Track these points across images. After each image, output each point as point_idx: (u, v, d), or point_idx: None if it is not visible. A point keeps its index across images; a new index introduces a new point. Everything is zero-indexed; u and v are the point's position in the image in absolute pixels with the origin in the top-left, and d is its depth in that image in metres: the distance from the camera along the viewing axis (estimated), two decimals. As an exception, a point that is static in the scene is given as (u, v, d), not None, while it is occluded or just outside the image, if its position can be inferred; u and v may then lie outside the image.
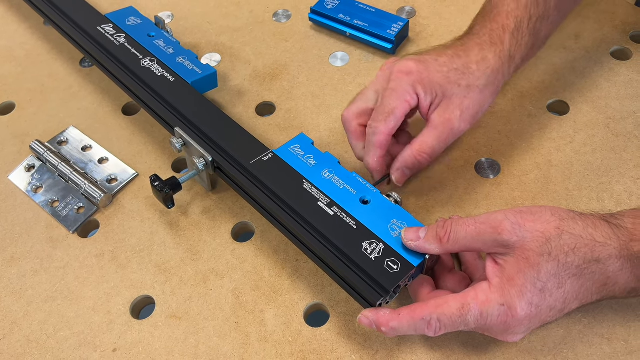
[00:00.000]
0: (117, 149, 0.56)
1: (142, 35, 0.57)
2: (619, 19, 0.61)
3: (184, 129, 0.48)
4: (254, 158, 0.46)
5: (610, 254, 0.36)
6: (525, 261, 0.36)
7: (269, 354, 0.42)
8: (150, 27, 0.59)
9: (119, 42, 0.55)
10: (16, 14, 0.71)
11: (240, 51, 0.63)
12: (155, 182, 0.47)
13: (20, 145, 0.57)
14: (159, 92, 0.51)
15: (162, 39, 0.57)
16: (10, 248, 0.50)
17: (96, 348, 0.44)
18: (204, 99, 0.51)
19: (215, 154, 0.47)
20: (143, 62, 0.54)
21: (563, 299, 0.37)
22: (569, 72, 0.57)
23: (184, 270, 0.47)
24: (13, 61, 0.65)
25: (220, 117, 0.50)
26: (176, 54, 0.56)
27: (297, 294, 0.45)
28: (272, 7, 0.67)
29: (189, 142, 0.48)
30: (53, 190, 0.53)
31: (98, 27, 0.57)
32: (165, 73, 0.53)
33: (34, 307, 0.46)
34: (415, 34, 0.62)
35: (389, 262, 0.39)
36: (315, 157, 0.46)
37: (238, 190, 0.47)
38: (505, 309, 0.35)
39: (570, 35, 0.60)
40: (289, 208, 0.43)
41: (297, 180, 0.44)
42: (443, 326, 0.37)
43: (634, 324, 0.42)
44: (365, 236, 0.41)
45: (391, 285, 0.38)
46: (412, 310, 0.38)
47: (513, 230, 0.36)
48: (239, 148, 0.47)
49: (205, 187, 0.51)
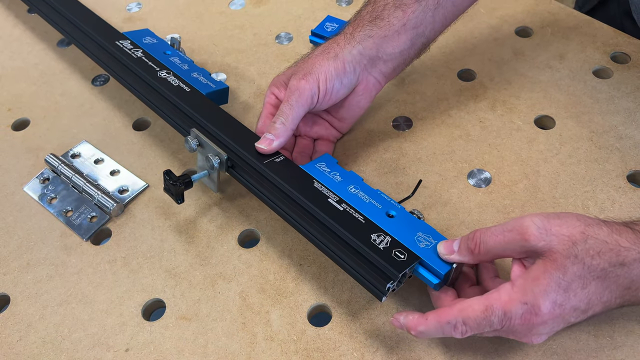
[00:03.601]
0: (128, 162, 0.59)
1: (159, 53, 0.61)
2: (600, 41, 0.65)
3: (200, 130, 0.51)
4: (267, 159, 0.48)
5: (635, 258, 0.37)
6: (552, 263, 0.37)
7: (275, 352, 0.45)
8: (165, 47, 0.62)
9: (137, 56, 0.59)
10: (30, 37, 0.74)
11: (244, 71, 0.67)
12: (168, 176, 0.49)
13: (35, 159, 0.60)
14: (176, 99, 0.54)
15: (177, 57, 0.61)
16: (25, 255, 0.52)
17: (109, 348, 0.46)
18: (217, 107, 0.54)
19: (231, 153, 0.49)
20: (160, 73, 0.56)
21: (587, 300, 0.37)
22: (554, 89, 0.61)
23: (192, 275, 0.50)
24: (27, 80, 0.68)
25: (233, 122, 0.53)
26: (191, 70, 0.59)
27: (301, 295, 0.48)
28: (275, 30, 0.71)
29: (204, 142, 0.50)
30: (67, 201, 0.56)
31: (116, 42, 0.60)
32: (181, 84, 0.56)
33: (49, 310, 0.49)
34: (410, 54, 0.66)
35: (396, 252, 0.42)
36: (340, 175, 0.49)
37: (250, 188, 0.49)
38: (529, 307, 0.37)
39: (555, 56, 0.64)
40: (300, 204, 0.46)
41: (308, 180, 0.47)
42: (469, 328, 0.38)
43: (618, 321, 0.44)
44: (373, 229, 0.43)
45: (400, 271, 0.40)
46: (438, 315, 0.39)
47: (540, 235, 0.37)
48: (252, 150, 0.49)
49: (213, 188, 0.54)
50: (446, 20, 0.54)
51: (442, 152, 0.56)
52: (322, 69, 0.50)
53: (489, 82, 0.62)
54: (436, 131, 0.58)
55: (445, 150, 0.56)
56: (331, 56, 0.50)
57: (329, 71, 0.50)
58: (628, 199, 0.51)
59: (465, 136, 0.57)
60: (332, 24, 0.67)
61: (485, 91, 0.62)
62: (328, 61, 0.50)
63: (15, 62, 0.71)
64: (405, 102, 0.61)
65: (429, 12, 0.52)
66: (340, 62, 0.50)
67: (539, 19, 0.68)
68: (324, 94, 0.50)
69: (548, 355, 0.43)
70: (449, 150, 0.56)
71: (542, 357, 0.43)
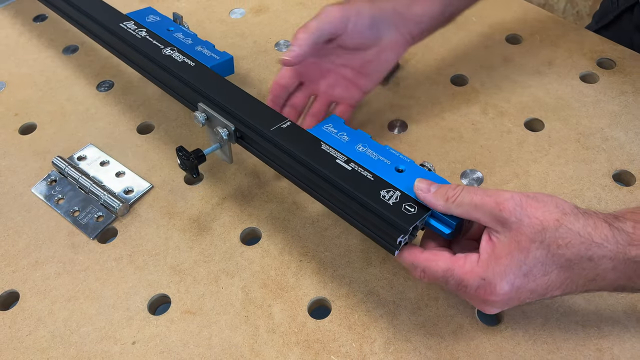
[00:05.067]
0: (133, 164, 0.61)
1: (162, 30, 0.62)
2: (587, 48, 0.68)
3: (207, 103, 0.52)
4: (274, 126, 0.49)
5: (605, 254, 0.37)
6: (516, 244, 0.37)
7: (277, 343, 0.46)
8: (169, 23, 0.64)
9: (141, 36, 0.60)
10: (36, 45, 0.76)
11: (245, 77, 0.69)
12: (181, 152, 0.50)
13: (42, 162, 0.62)
14: (181, 75, 0.55)
15: (181, 32, 0.62)
16: (34, 253, 0.54)
17: (117, 341, 0.48)
18: (222, 79, 0.55)
19: (238, 123, 0.50)
20: (164, 51, 0.58)
21: (546, 286, 0.38)
22: (543, 94, 0.63)
23: (197, 271, 0.51)
24: (34, 87, 0.71)
25: (239, 92, 0.53)
26: (194, 44, 0.60)
27: (302, 290, 0.49)
28: (274, 37, 0.74)
29: (211, 115, 0.51)
30: (74, 201, 0.58)
31: (120, 24, 0.62)
32: (186, 59, 0.57)
33: (57, 306, 0.50)
34: (405, 61, 0.69)
35: (406, 206, 0.42)
36: (348, 134, 0.49)
37: (260, 156, 0.51)
38: (486, 283, 0.38)
39: (544, 62, 0.67)
40: (309, 167, 0.46)
41: (316, 143, 0.48)
42: (427, 278, 0.41)
43: (605, 312, 0.46)
44: (382, 185, 0.44)
45: (409, 224, 0.41)
46: (412, 254, 0.42)
47: (514, 210, 0.38)
48: (259, 118, 0.50)
49: (227, 160, 0.54)
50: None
51: (436, 153, 0.59)
52: (358, 4, 0.51)
53: (481, 87, 0.65)
54: (430, 133, 0.61)
55: (439, 151, 0.59)
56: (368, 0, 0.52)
57: (363, 8, 0.51)
58: (614, 196, 0.53)
59: (458, 138, 0.60)
60: (330, 31, 0.70)
61: (477, 95, 0.64)
62: (365, 2, 0.52)
63: (22, 69, 0.73)
64: (400, 106, 0.64)
65: None
66: (377, 8, 0.52)
67: (528, 27, 0.71)
68: (353, 24, 0.51)
69: (538, 344, 0.45)
70: (442, 151, 0.59)
71: (533, 345, 0.45)
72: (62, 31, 0.77)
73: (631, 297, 0.47)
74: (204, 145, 0.62)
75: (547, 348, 0.44)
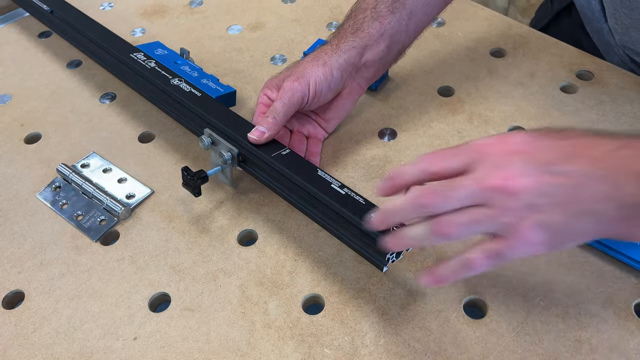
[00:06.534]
0: (134, 171, 0.63)
1: (170, 63, 0.67)
2: (567, 61, 0.71)
3: (212, 129, 0.57)
4: (274, 152, 0.54)
5: None
6: None
7: (272, 337, 0.48)
8: (176, 57, 0.69)
9: (150, 66, 0.64)
10: (40, 60, 0.79)
11: (242, 89, 0.72)
12: (186, 172, 0.55)
13: (47, 169, 0.64)
14: (188, 103, 0.60)
15: (187, 66, 0.67)
16: (39, 255, 0.56)
17: (118, 337, 0.50)
18: (226, 108, 0.60)
19: (242, 148, 0.55)
20: (172, 81, 0.62)
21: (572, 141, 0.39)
22: (526, 103, 0.67)
23: (195, 271, 0.54)
24: (39, 98, 0.73)
25: (242, 121, 0.58)
26: (200, 77, 0.66)
27: (296, 287, 0.52)
28: (270, 52, 0.77)
29: (216, 139, 0.56)
30: (77, 206, 0.60)
31: (130, 54, 0.66)
32: (193, 90, 0.61)
33: (61, 304, 0.52)
34: (394, 73, 0.72)
35: (394, 227, 0.45)
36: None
37: (261, 179, 0.55)
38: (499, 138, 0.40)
39: (526, 74, 0.70)
40: (307, 190, 0.51)
41: (313, 169, 0.53)
42: None
43: (584, 305, 0.49)
44: (372, 209, 0.48)
45: None
46: None
47: None
48: (262, 145, 0.55)
49: (227, 183, 0.59)
50: (419, 28, 0.62)
51: (424, 159, 0.62)
52: (313, 73, 0.57)
53: (467, 97, 0.68)
54: (419, 141, 0.64)
55: (427, 157, 0.62)
56: (320, 63, 0.57)
57: (318, 76, 0.57)
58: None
59: (445, 145, 0.63)
60: (323, 46, 0.73)
61: (462, 105, 0.67)
62: (318, 67, 0.57)
63: (27, 82, 0.76)
64: (390, 116, 0.67)
65: (403, 22, 0.60)
66: (329, 68, 0.57)
67: (511, 42, 0.75)
68: (313, 95, 0.57)
69: (521, 335, 0.47)
70: (430, 157, 0.62)
71: (516, 337, 0.47)
72: (65, 47, 0.80)
73: (609, 292, 0.49)
74: (201, 153, 0.64)
75: (530, 339, 0.47)
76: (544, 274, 0.51)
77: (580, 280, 0.50)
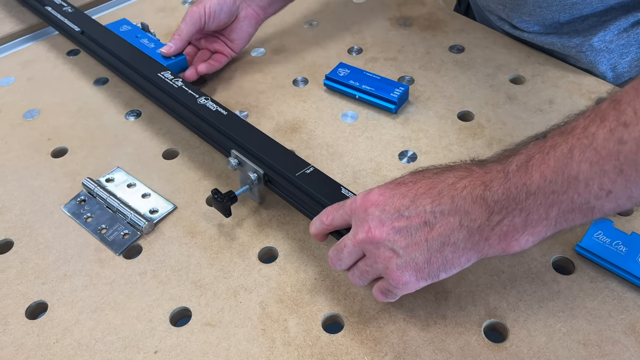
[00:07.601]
0: (158, 186, 0.65)
1: (131, 36, 0.78)
2: (585, 88, 0.72)
3: (239, 150, 0.58)
4: (299, 171, 0.55)
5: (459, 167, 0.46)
6: None
7: (292, 355, 0.49)
8: (137, 31, 0.81)
9: (177, 85, 0.67)
10: (68, 77, 0.82)
11: (264, 109, 0.74)
12: (216, 194, 0.56)
13: (72, 183, 0.66)
14: (216, 123, 0.62)
15: (146, 38, 0.79)
16: (63, 267, 0.57)
17: (139, 350, 0.50)
18: (252, 127, 0.62)
19: (267, 169, 0.56)
20: (199, 100, 0.65)
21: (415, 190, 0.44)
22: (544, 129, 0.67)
23: (216, 286, 0.54)
24: (66, 114, 0.75)
25: (268, 140, 0.60)
26: (156, 47, 0.77)
27: (316, 306, 0.52)
28: (292, 75, 0.79)
29: (243, 161, 0.57)
30: (101, 219, 0.61)
31: (158, 74, 0.69)
32: (219, 108, 0.64)
33: (84, 316, 0.53)
34: (415, 97, 0.73)
35: None
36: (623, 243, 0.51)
37: (286, 198, 0.57)
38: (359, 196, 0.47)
39: (545, 101, 0.71)
40: None
41: (337, 188, 0.54)
42: None
43: (606, 332, 0.49)
44: None
45: None
46: None
47: None
48: (286, 163, 0.56)
49: (255, 200, 0.61)
50: None
51: (444, 182, 0.62)
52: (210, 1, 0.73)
53: (486, 123, 0.69)
54: (438, 164, 0.64)
55: (446, 180, 0.62)
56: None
57: (212, 2, 0.73)
58: (613, 225, 0.56)
59: (465, 169, 0.63)
60: (345, 69, 0.75)
61: (482, 130, 0.68)
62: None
63: (55, 98, 0.78)
64: (410, 139, 0.68)
65: None
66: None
67: (530, 69, 0.76)
68: (209, 15, 0.73)
69: (542, 361, 0.47)
70: (450, 180, 0.62)
71: (537, 362, 0.47)
72: (93, 65, 0.83)
73: (630, 319, 0.49)
74: (224, 170, 0.66)
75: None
76: (564, 299, 0.51)
77: (601, 306, 0.50)
